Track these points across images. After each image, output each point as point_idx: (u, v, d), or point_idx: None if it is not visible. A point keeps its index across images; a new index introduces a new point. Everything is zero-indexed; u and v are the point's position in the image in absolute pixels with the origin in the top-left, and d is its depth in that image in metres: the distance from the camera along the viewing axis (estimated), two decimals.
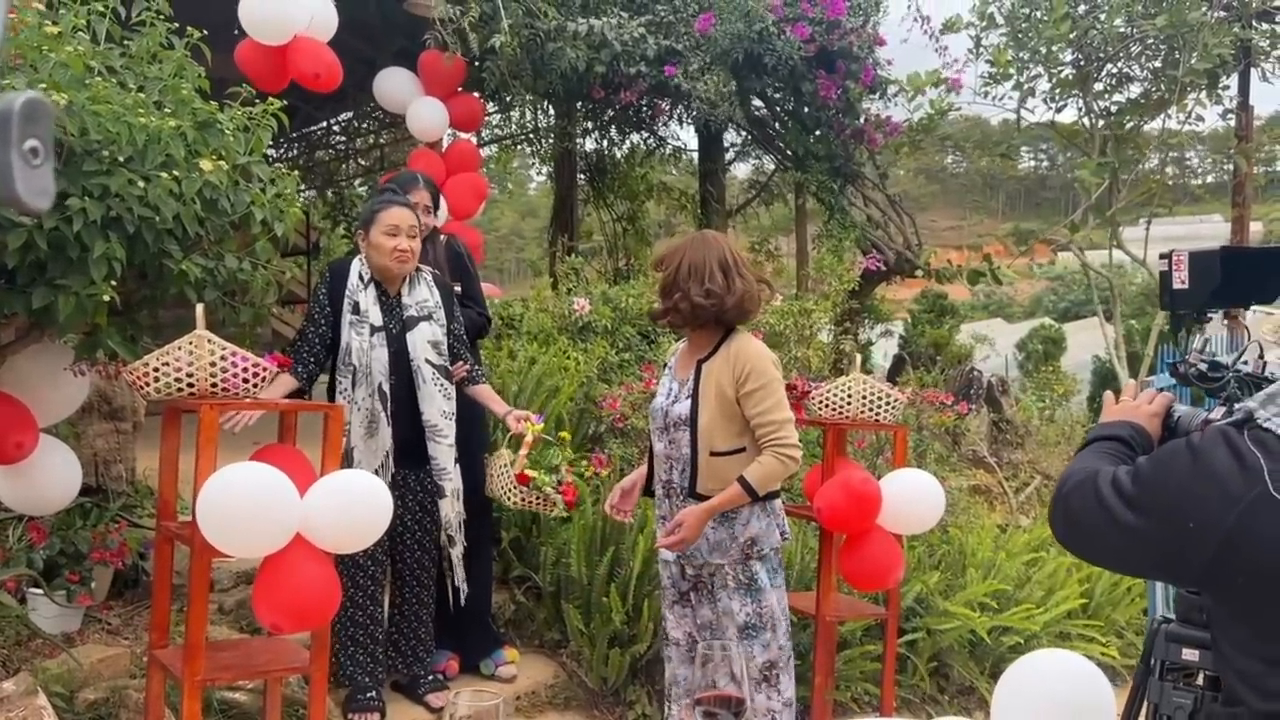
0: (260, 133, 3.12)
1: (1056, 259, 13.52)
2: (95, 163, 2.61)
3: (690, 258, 2.98)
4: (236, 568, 4.00)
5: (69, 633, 3.45)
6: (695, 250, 3.00)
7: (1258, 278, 1.54)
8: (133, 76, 2.97)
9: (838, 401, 3.59)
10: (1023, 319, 25.23)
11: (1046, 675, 2.04)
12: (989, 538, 4.99)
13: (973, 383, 7.26)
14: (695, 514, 2.91)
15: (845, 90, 6.91)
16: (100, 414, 4.28)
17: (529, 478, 3.33)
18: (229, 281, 3.05)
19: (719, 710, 1.65)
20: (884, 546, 3.46)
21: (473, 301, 4.03)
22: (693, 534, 2.91)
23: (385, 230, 3.35)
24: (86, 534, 3.61)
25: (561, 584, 4.16)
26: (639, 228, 9.46)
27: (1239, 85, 7.37)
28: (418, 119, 5.85)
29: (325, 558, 2.62)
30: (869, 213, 7.59)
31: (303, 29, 4.30)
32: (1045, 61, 7.12)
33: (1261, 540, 1.27)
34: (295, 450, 2.84)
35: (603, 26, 6.09)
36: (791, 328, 5.65)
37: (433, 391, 3.39)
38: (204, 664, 2.59)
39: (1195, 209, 17.56)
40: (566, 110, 7.72)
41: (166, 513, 2.85)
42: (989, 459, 6.58)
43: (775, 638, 3.01)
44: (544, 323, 5.65)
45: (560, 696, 3.97)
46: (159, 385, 2.67)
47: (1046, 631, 4.60)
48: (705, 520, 2.92)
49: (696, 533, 2.91)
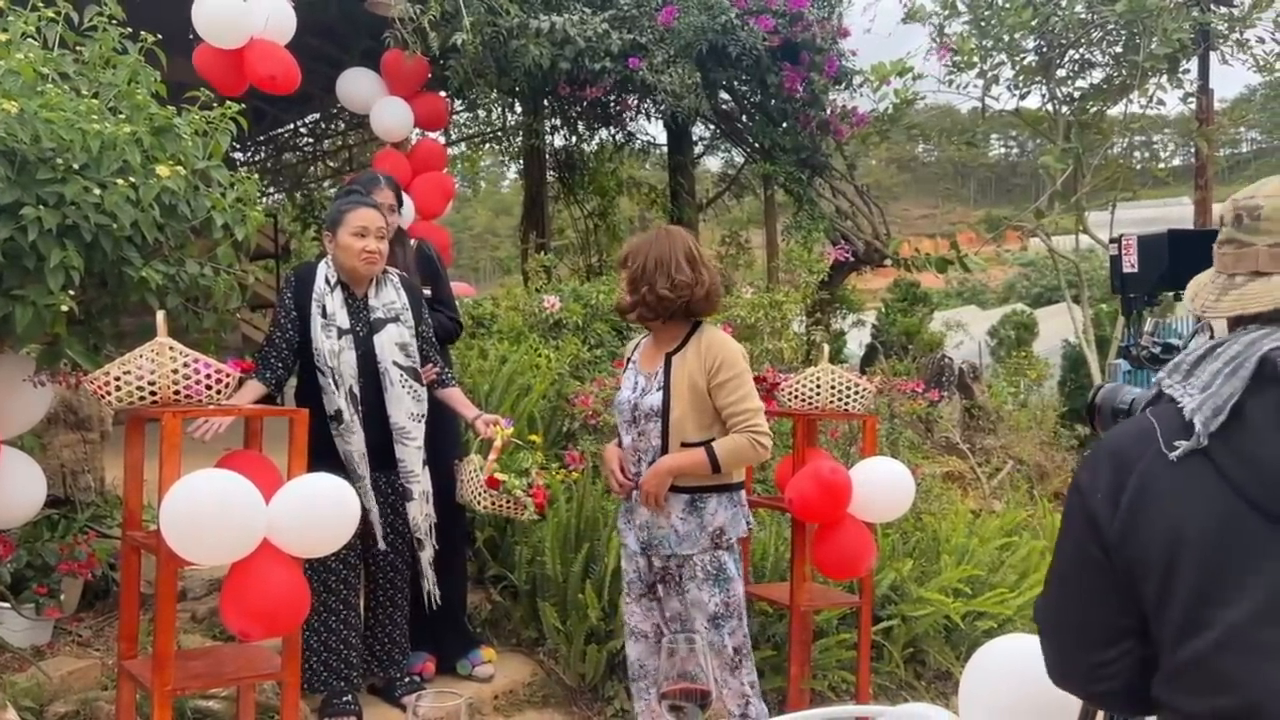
0: (219, 137, 3.10)
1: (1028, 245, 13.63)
2: (49, 171, 2.59)
3: (656, 252, 3.02)
4: (208, 575, 3.98)
5: (39, 646, 3.42)
6: (660, 244, 3.04)
7: (1206, 259, 1.55)
8: (86, 83, 2.95)
9: (807, 392, 3.60)
10: (996, 305, 25.40)
11: (1011, 659, 2.08)
12: (962, 523, 5.03)
13: (944, 370, 7.31)
14: (656, 471, 2.97)
15: (810, 82, 6.93)
16: (66, 424, 4.24)
17: (499, 481, 3.33)
18: (191, 287, 3.03)
19: (685, 703, 1.66)
20: (856, 535, 3.48)
21: (444, 306, 4.02)
22: (656, 487, 2.97)
23: (353, 231, 3.33)
24: (54, 546, 3.58)
25: (537, 582, 4.16)
26: (610, 224, 9.45)
27: (1199, 69, 7.45)
28: (382, 119, 5.82)
29: (293, 563, 2.61)
30: (838, 204, 7.62)
31: (259, 32, 4.27)
32: (1008, 49, 7.17)
33: (1159, 501, 1.28)
34: (260, 456, 2.83)
35: (565, 23, 6.08)
36: (763, 319, 5.67)
37: (401, 394, 3.38)
38: (174, 674, 2.57)
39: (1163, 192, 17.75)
40: (533, 107, 7.70)
41: (132, 522, 2.83)
42: (961, 445, 6.63)
43: (741, 625, 3.07)
44: (514, 321, 5.64)
45: (538, 694, 3.97)
46: (121, 394, 2.64)
47: (1021, 615, 4.63)
48: (666, 477, 2.97)
49: (660, 487, 2.97)
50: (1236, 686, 1.22)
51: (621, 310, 3.19)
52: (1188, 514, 1.25)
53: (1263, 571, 1.21)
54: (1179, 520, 1.26)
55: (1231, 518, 1.23)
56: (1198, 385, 1.28)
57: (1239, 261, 1.36)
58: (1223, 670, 1.23)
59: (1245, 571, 1.22)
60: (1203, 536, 1.24)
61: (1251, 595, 1.21)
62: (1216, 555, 1.24)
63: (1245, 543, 1.22)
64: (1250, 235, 1.35)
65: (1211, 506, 1.24)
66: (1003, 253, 8.56)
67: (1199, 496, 1.25)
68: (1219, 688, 1.23)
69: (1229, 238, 1.39)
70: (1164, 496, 1.28)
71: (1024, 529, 5.44)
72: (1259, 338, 1.28)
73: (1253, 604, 1.21)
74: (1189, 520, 1.25)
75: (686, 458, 2.96)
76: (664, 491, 2.98)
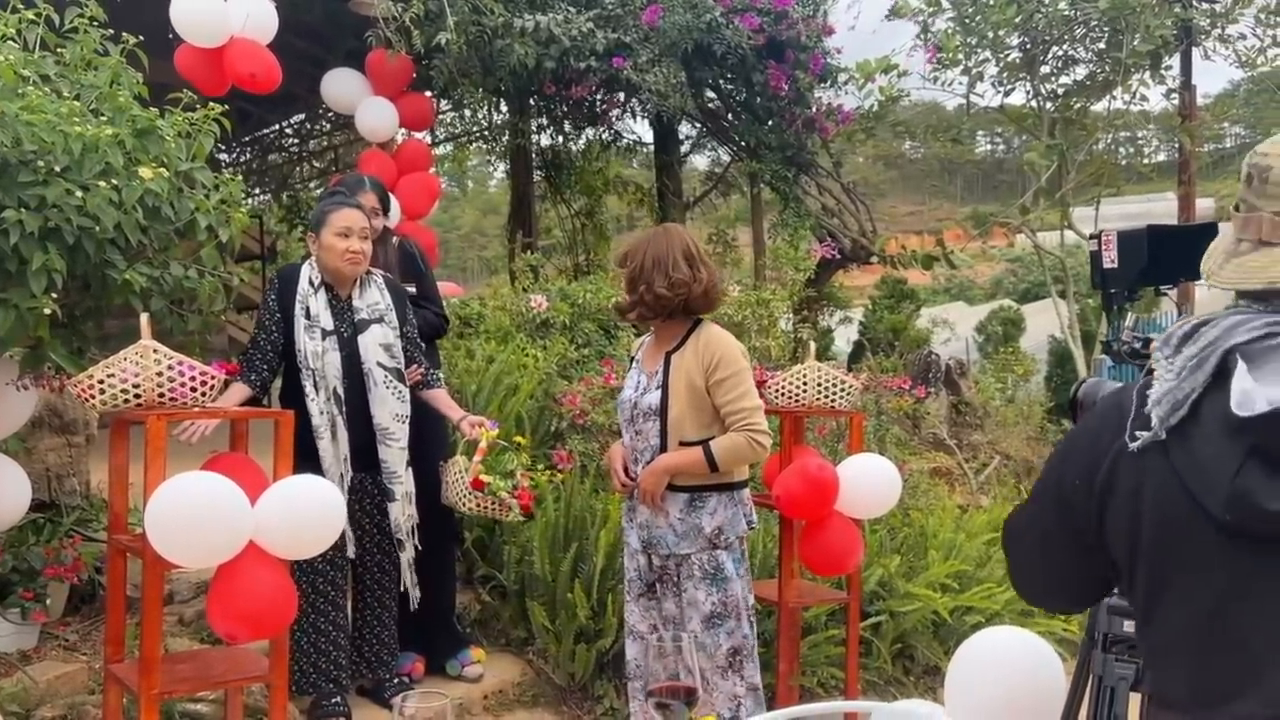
0: (202, 138, 3.09)
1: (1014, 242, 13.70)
2: (30, 173, 2.58)
3: (654, 250, 3.02)
4: (195, 578, 3.97)
5: (25, 650, 3.41)
6: (658, 243, 3.04)
7: (1185, 255, 1.57)
8: (67, 85, 2.94)
9: (793, 389, 3.61)
10: (983, 301, 25.49)
11: (996, 651, 2.08)
12: (949, 519, 5.05)
13: (931, 366, 7.34)
14: (653, 470, 2.98)
15: (795, 80, 6.94)
16: (51, 428, 4.22)
17: (484, 483, 3.32)
18: (175, 290, 3.02)
19: (671, 701, 1.66)
20: (843, 532, 3.49)
21: (429, 301, 4.01)
22: (653, 486, 2.98)
23: (337, 232, 3.33)
24: (40, 550, 3.56)
25: (526, 582, 4.16)
26: (597, 223, 9.44)
27: (1181, 65, 7.48)
28: (367, 119, 5.81)
29: (279, 565, 2.61)
30: (824, 201, 7.63)
31: (238, 31, 4.26)
32: (992, 46, 7.19)
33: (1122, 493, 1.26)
34: (246, 458, 2.82)
35: (549, 22, 6.07)
36: (750, 317, 5.67)
37: (385, 394, 3.38)
38: (160, 677, 2.57)
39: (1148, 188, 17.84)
40: (519, 106, 7.69)
41: (118, 526, 2.81)
42: (949, 441, 6.65)
43: (739, 626, 3.04)
44: (502, 321, 5.63)
45: (528, 694, 3.97)
46: (105, 397, 2.63)
47: (1008, 609, 4.65)
48: (663, 476, 2.98)
49: (657, 485, 2.98)
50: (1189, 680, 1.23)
51: (621, 310, 3.19)
52: (1142, 510, 1.23)
53: (1212, 571, 1.18)
54: (1135, 515, 1.24)
55: (1180, 518, 1.20)
56: (1175, 369, 1.23)
57: (1245, 227, 1.28)
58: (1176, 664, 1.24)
59: (1193, 575, 1.20)
60: (1155, 535, 1.22)
61: (1198, 599, 1.19)
62: (1166, 556, 1.22)
63: (1193, 544, 1.19)
64: (1258, 198, 1.27)
65: (1163, 504, 1.21)
66: (989, 249, 8.58)
67: (1154, 491, 1.22)
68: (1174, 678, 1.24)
69: (1241, 197, 1.31)
70: (1125, 487, 1.25)
71: None
72: (1235, 325, 1.21)
73: (1199, 607, 1.19)
74: (1144, 516, 1.23)
75: (683, 457, 2.97)
76: (660, 490, 2.99)
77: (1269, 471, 1.12)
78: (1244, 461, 1.14)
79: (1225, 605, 1.17)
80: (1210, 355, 1.20)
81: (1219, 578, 1.18)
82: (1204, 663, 1.20)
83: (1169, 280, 1.88)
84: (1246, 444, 1.14)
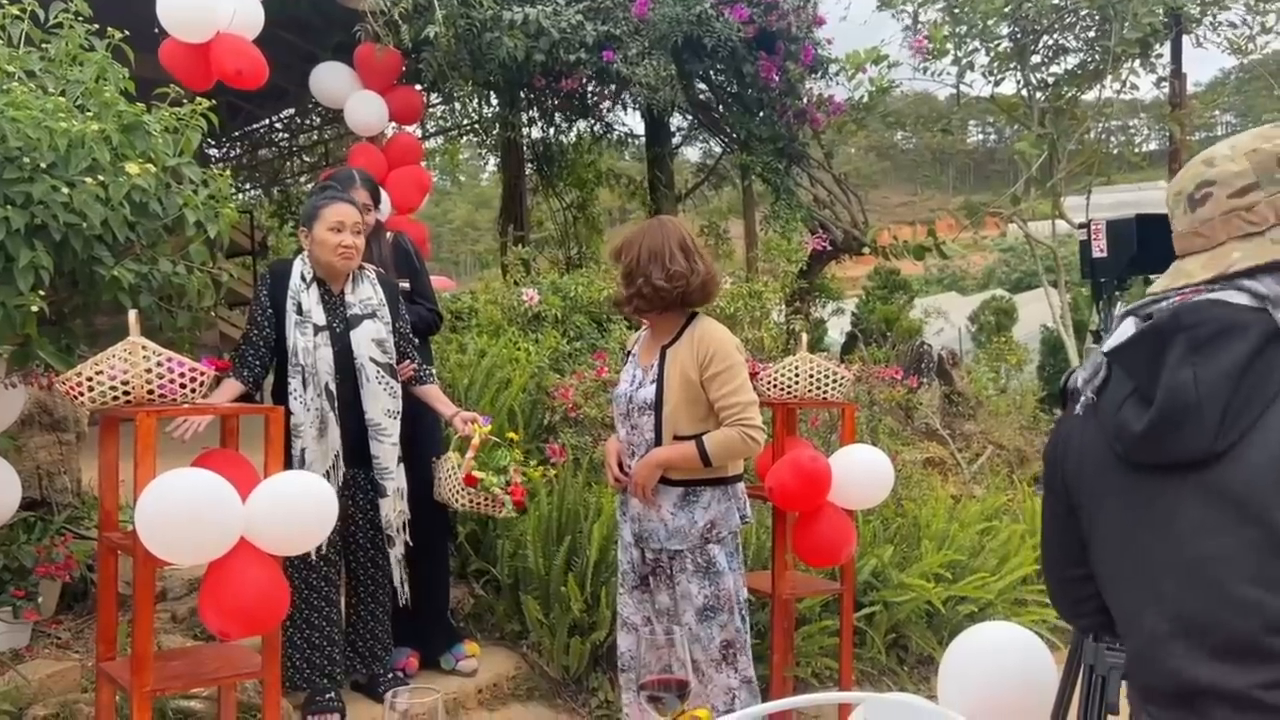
0: (189, 134, 3.07)
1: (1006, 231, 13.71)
2: (16, 170, 2.57)
3: (650, 243, 3.01)
4: (187, 575, 3.96)
5: (17, 649, 3.39)
6: (654, 235, 3.03)
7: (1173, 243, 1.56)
8: (53, 80, 2.92)
9: (785, 381, 3.61)
10: (976, 291, 25.48)
11: (990, 645, 2.09)
12: (942, 509, 5.05)
13: (923, 357, 7.34)
14: (646, 464, 2.98)
15: (786, 71, 6.93)
16: (41, 425, 4.20)
17: (476, 479, 3.32)
18: (164, 286, 3.01)
19: (663, 694, 1.66)
20: (835, 523, 3.49)
21: (422, 298, 4.00)
22: (645, 479, 2.99)
23: (329, 226, 3.31)
24: (31, 548, 3.55)
25: (519, 576, 4.16)
26: (589, 216, 9.43)
27: (1172, 53, 7.48)
28: (356, 113, 5.78)
29: (271, 561, 2.60)
30: (816, 193, 7.62)
31: (225, 26, 4.23)
32: (982, 35, 7.18)
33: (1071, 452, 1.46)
34: (237, 454, 2.81)
35: (538, 15, 6.05)
36: (742, 309, 5.67)
37: (377, 390, 3.37)
38: (152, 674, 2.56)
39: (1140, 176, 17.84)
40: (509, 99, 7.67)
41: (108, 523, 2.81)
42: (941, 431, 6.66)
43: (732, 619, 3.04)
44: (494, 315, 5.62)
45: (523, 687, 3.97)
46: (94, 395, 2.62)
47: (1001, 599, 4.67)
48: (655, 470, 2.98)
49: (649, 479, 2.99)
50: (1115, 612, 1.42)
51: (617, 303, 3.18)
52: (1082, 465, 1.44)
53: (1119, 506, 1.37)
54: (1080, 468, 1.44)
55: (1099, 461, 1.40)
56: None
57: None
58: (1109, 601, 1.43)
59: (1108, 512, 1.39)
60: (1089, 485, 1.42)
61: (1110, 532, 1.38)
62: (1093, 501, 1.42)
63: (1108, 484, 1.38)
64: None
65: (1094, 455, 1.41)
66: (981, 239, 8.57)
67: (1088, 448, 1.42)
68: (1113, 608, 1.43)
69: None
70: (1074, 447, 1.46)
71: (1004, 513, 5.47)
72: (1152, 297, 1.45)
73: (1111, 539, 1.38)
74: (1083, 468, 1.43)
75: (676, 451, 2.96)
76: (653, 483, 2.98)
77: (1141, 402, 1.32)
78: (1127, 397, 1.35)
79: (1129, 532, 1.35)
80: (1115, 322, 1.45)
81: (1120, 506, 1.37)
82: (1122, 587, 1.38)
83: (1158, 268, 1.87)
84: (1130, 384, 1.35)
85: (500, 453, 3.41)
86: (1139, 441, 1.31)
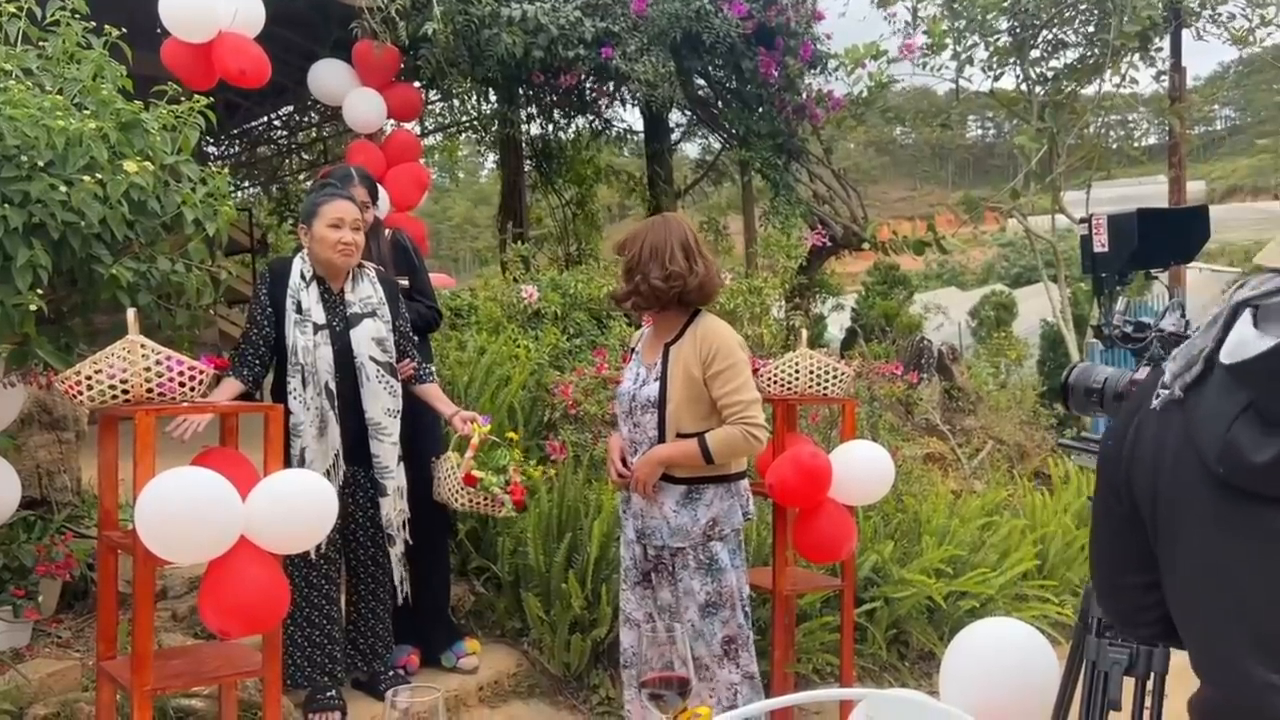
0: (187, 131, 3.07)
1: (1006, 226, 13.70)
2: (14, 168, 2.56)
3: (652, 240, 3.01)
4: (188, 574, 3.96)
5: (17, 648, 3.39)
6: (656, 233, 3.03)
7: (1175, 237, 1.56)
8: (50, 78, 2.91)
9: (785, 377, 3.60)
10: (976, 286, 25.45)
11: (992, 641, 2.09)
12: (943, 504, 5.05)
13: (923, 352, 7.33)
14: (647, 460, 2.99)
15: (785, 67, 6.92)
16: (41, 424, 4.20)
17: (476, 479, 3.31)
18: (163, 284, 3.00)
19: (664, 691, 1.66)
20: (836, 519, 3.48)
21: (422, 295, 3.99)
22: (646, 475, 2.99)
23: (329, 223, 3.31)
24: (31, 547, 3.54)
25: (520, 573, 4.16)
26: (589, 212, 9.43)
27: (1171, 47, 7.47)
28: (354, 110, 5.78)
29: (271, 559, 2.60)
30: (815, 188, 7.62)
31: (226, 25, 4.22)
32: (981, 30, 7.17)
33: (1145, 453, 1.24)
34: (236, 453, 2.81)
35: (537, 11, 6.04)
36: (742, 306, 5.67)
37: (377, 389, 3.36)
38: (152, 673, 2.56)
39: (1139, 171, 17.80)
40: (508, 96, 7.66)
41: (108, 522, 2.80)
42: (942, 427, 6.66)
43: (734, 615, 3.05)
44: (493, 312, 5.61)
45: (524, 685, 3.97)
46: (93, 393, 2.61)
47: (1002, 594, 4.67)
48: (657, 467, 2.98)
49: (650, 475, 2.99)
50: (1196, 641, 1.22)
51: (617, 299, 3.18)
52: (1161, 468, 1.22)
53: (1211, 528, 1.17)
54: (1154, 473, 1.23)
55: (1188, 474, 1.18)
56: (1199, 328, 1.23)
57: None
58: (1189, 624, 1.22)
59: (1195, 531, 1.19)
60: (1169, 493, 1.21)
61: (1200, 555, 1.18)
62: (1177, 512, 1.21)
63: (1198, 500, 1.18)
64: None
65: (1178, 461, 1.20)
66: (981, 234, 8.58)
67: (1169, 451, 1.21)
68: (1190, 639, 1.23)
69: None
70: (1148, 448, 1.24)
71: (1005, 508, 5.47)
72: (1257, 284, 1.18)
73: (1201, 563, 1.18)
74: (1160, 475, 1.22)
75: (678, 448, 2.96)
76: (654, 480, 2.98)
77: (1261, 425, 1.10)
78: (1239, 414, 1.11)
79: (1218, 559, 1.16)
80: (1224, 310, 1.19)
81: (1213, 530, 1.16)
82: (1211, 624, 1.19)
83: (1159, 263, 1.87)
84: (1245, 398, 1.12)
85: (499, 452, 3.41)
86: (1260, 473, 1.09)
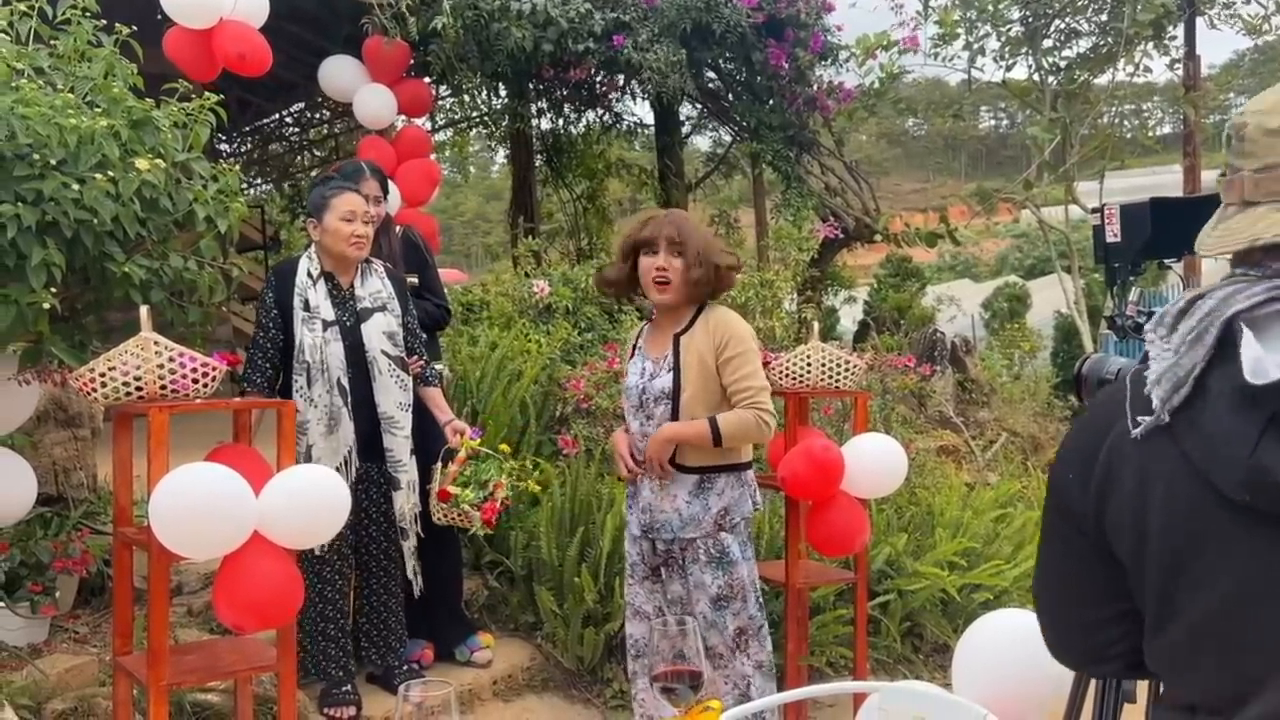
0: (198, 128, 3.07)
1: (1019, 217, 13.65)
2: (26, 167, 2.57)
3: (699, 232, 3.07)
4: (203, 569, 3.97)
5: (35, 644, 3.41)
6: (689, 224, 3.09)
7: (1188, 227, 1.54)
8: (62, 77, 2.92)
9: (797, 370, 3.59)
10: (989, 278, 25.36)
11: (1005, 633, 2.08)
12: (956, 497, 5.03)
13: (936, 344, 7.31)
14: (657, 438, 2.98)
15: (795, 58, 6.89)
16: (56, 421, 4.22)
17: (449, 494, 3.29)
18: (175, 282, 3.01)
19: (677, 685, 1.66)
20: (849, 512, 3.48)
21: (431, 293, 4.00)
22: (657, 454, 2.99)
23: (341, 216, 3.31)
24: (48, 544, 3.56)
25: (533, 567, 4.17)
26: (599, 206, 9.42)
27: (1185, 35, 7.41)
28: (365, 106, 5.78)
29: (285, 555, 2.61)
30: (826, 180, 7.59)
31: (229, 12, 4.23)
32: (993, 20, 7.13)
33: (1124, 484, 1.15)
34: (250, 449, 2.82)
35: (546, 4, 6.03)
36: (754, 298, 5.66)
37: (389, 383, 3.37)
38: (168, 668, 2.57)
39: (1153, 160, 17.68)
40: (518, 90, 7.66)
41: (123, 519, 2.82)
42: (955, 419, 6.64)
43: (745, 607, 3.06)
44: (504, 306, 5.62)
45: (537, 678, 3.98)
46: (107, 390, 2.63)
47: (1017, 586, 4.64)
48: (668, 445, 2.98)
49: (661, 452, 2.99)
50: (1214, 677, 1.11)
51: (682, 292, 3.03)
52: (1150, 500, 1.12)
53: (1232, 558, 1.07)
54: (1142, 507, 1.13)
55: (1192, 507, 1.09)
56: (1173, 346, 1.13)
57: (1229, 190, 1.19)
58: (1199, 662, 1.12)
59: (1212, 562, 1.09)
60: (1167, 524, 1.11)
61: (1219, 587, 1.08)
62: (1180, 545, 1.11)
63: (1210, 530, 1.08)
64: (1238, 158, 1.19)
65: (1174, 490, 1.10)
66: (993, 225, 8.53)
67: (1161, 480, 1.11)
68: (1197, 678, 1.13)
69: (1226, 162, 1.23)
70: (1128, 479, 1.15)
71: (1018, 500, 5.45)
72: (1233, 294, 1.11)
73: (1220, 596, 1.08)
74: (1151, 507, 1.12)
75: (690, 426, 2.97)
76: (666, 457, 2.98)
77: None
78: (1261, 435, 1.02)
79: (1244, 598, 1.06)
80: (1210, 326, 1.10)
81: (1236, 567, 1.06)
82: (1221, 662, 1.10)
83: (1173, 253, 1.85)
84: (1264, 416, 1.02)
85: (487, 465, 3.38)
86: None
